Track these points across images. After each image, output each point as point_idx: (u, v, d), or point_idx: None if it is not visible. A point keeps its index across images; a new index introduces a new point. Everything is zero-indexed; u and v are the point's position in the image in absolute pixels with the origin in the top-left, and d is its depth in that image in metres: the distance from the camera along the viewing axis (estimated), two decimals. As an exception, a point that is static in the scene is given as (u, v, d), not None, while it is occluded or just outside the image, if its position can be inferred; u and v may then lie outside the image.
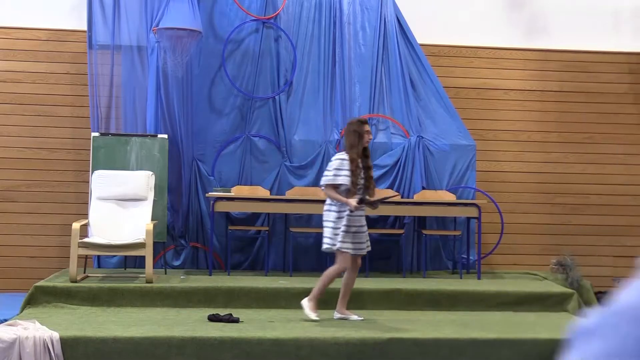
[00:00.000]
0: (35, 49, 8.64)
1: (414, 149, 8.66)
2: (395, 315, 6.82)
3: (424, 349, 5.86)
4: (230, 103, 8.65)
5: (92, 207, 7.71)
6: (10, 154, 8.55)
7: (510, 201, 9.09)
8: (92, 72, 8.40)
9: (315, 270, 8.43)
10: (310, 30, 8.86)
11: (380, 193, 8.59)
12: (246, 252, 8.54)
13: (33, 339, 5.52)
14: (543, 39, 9.28)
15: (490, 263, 9.01)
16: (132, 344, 5.65)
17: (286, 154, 8.64)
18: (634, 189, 9.28)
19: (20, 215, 8.50)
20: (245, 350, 5.71)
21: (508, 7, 9.29)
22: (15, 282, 8.34)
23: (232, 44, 8.66)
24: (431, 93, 8.89)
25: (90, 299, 6.85)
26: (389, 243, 8.61)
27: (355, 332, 5.98)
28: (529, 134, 9.24)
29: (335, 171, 6.21)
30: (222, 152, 8.58)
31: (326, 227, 6.34)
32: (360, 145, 6.26)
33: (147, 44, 8.38)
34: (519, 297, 7.28)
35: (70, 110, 8.65)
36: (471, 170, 8.81)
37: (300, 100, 8.77)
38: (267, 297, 7.05)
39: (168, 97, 8.28)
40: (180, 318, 6.43)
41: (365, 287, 7.24)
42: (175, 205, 8.37)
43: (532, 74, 9.29)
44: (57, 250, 8.42)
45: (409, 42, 8.93)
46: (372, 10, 8.92)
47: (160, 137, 8.17)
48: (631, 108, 9.37)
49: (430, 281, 7.87)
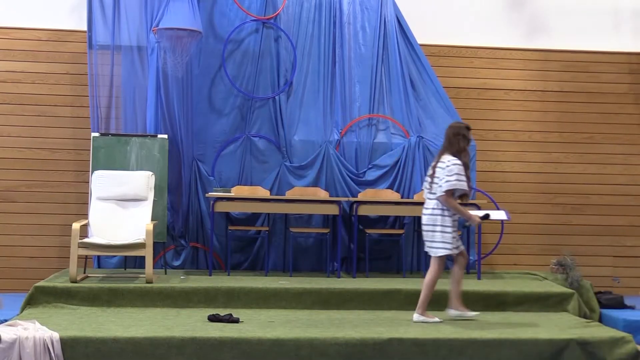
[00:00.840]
0: (35, 49, 8.64)
1: (414, 149, 8.66)
2: (395, 315, 6.82)
3: (424, 349, 5.86)
4: (230, 103, 8.65)
5: (92, 207, 7.71)
6: (10, 154, 8.55)
7: (510, 201, 9.09)
8: (92, 72, 8.41)
9: (315, 270, 8.45)
10: (310, 31, 8.86)
11: (380, 194, 8.59)
12: (246, 252, 8.54)
13: (33, 339, 5.53)
14: (543, 39, 9.29)
15: (490, 263, 9.02)
16: (132, 344, 5.65)
17: (286, 154, 8.64)
18: (634, 189, 9.29)
19: (20, 215, 8.50)
20: (245, 350, 5.71)
21: (508, 7, 9.29)
22: (15, 282, 8.35)
23: (232, 44, 8.67)
24: (431, 93, 8.90)
25: (90, 299, 6.86)
26: (389, 243, 8.61)
27: (355, 332, 5.98)
28: (529, 134, 9.24)
29: (457, 176, 6.17)
30: (222, 152, 8.58)
31: (443, 233, 6.27)
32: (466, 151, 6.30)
33: (147, 44, 8.38)
34: (519, 297, 7.28)
35: (70, 110, 8.65)
36: (471, 170, 8.79)
37: (300, 100, 8.77)
38: (267, 297, 7.05)
39: (168, 97, 8.28)
40: (180, 318, 6.43)
41: (365, 287, 7.25)
42: (175, 206, 8.38)
43: (533, 74, 9.29)
44: (57, 250, 8.43)
45: (409, 42, 8.93)
46: (372, 10, 8.92)
47: (160, 137, 8.17)
48: (631, 108, 9.37)
49: (430, 281, 7.86)
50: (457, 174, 6.17)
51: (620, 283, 8.96)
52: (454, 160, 6.24)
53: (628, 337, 6.15)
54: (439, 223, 6.28)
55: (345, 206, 8.48)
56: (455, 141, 6.32)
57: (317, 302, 7.08)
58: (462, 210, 6.28)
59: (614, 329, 6.55)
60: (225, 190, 8.12)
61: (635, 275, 9.16)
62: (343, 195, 8.56)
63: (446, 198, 6.20)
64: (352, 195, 8.55)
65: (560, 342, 6.02)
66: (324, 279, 7.85)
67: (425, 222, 6.38)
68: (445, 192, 6.20)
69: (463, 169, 6.22)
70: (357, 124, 8.76)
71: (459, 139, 6.31)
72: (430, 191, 6.37)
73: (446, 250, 6.29)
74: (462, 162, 6.24)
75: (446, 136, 6.41)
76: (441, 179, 6.23)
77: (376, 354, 5.82)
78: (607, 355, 6.03)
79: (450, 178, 6.17)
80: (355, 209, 8.15)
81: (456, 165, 6.21)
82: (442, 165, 6.27)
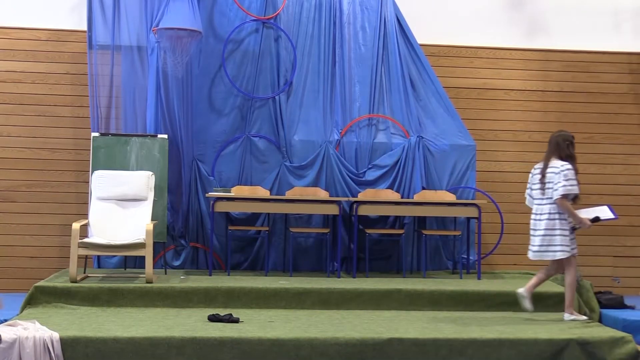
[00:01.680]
0: (35, 49, 8.64)
1: (414, 149, 8.67)
2: (395, 315, 6.82)
3: (424, 349, 5.86)
4: (230, 103, 8.65)
5: (92, 207, 7.71)
6: (10, 154, 8.55)
7: (510, 201, 9.08)
8: (92, 72, 8.41)
9: (315, 270, 8.45)
10: (310, 31, 8.86)
11: (380, 194, 8.59)
12: (246, 252, 8.54)
13: (33, 339, 5.53)
14: (543, 39, 9.29)
15: (490, 263, 9.02)
16: (132, 344, 5.65)
17: (286, 154, 8.65)
18: (634, 189, 9.29)
19: (20, 215, 8.50)
20: (245, 350, 5.72)
21: (508, 7, 9.29)
22: (15, 282, 8.35)
23: (232, 44, 8.67)
24: (431, 93, 8.90)
25: (90, 299, 6.86)
26: (389, 243, 8.61)
27: (355, 332, 5.99)
28: (529, 134, 9.24)
29: (572, 181, 6.46)
30: (222, 152, 8.58)
31: (563, 236, 6.54)
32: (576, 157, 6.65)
33: (147, 44, 8.39)
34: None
35: (70, 110, 8.65)
36: (471, 170, 8.82)
37: (300, 100, 8.77)
38: (267, 297, 7.05)
39: (168, 97, 8.28)
40: (180, 318, 6.44)
41: (365, 287, 7.25)
42: (175, 205, 8.38)
43: (533, 74, 9.29)
44: (57, 250, 8.43)
45: (409, 42, 8.93)
46: (372, 10, 8.92)
47: (160, 137, 8.17)
48: (632, 108, 9.37)
49: (430, 281, 7.87)
50: (571, 179, 6.48)
51: (620, 283, 8.96)
52: (567, 165, 6.53)
53: (628, 337, 6.15)
54: (557, 227, 6.56)
55: (345, 206, 8.48)
56: (565, 146, 6.61)
57: (317, 302, 7.09)
58: (575, 214, 6.56)
59: (614, 329, 6.55)
60: (225, 190, 8.12)
61: (635, 275, 9.16)
62: (343, 195, 8.56)
63: (562, 201, 6.48)
64: (352, 195, 8.55)
65: (560, 342, 6.03)
66: (324, 279, 7.85)
67: (544, 227, 6.60)
68: (562, 196, 6.47)
69: (575, 174, 6.53)
70: (357, 124, 8.76)
71: (568, 145, 6.62)
72: (543, 196, 6.63)
73: (566, 253, 6.55)
74: (574, 167, 6.58)
75: (553, 142, 6.69)
76: (556, 183, 6.50)
77: (376, 354, 5.82)
78: (607, 355, 6.04)
79: (565, 182, 6.46)
80: (355, 209, 8.15)
81: (570, 170, 6.51)
82: (554, 170, 6.55)
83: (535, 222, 6.69)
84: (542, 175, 6.64)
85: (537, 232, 6.65)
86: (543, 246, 6.60)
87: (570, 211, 6.51)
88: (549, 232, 6.57)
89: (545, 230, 6.58)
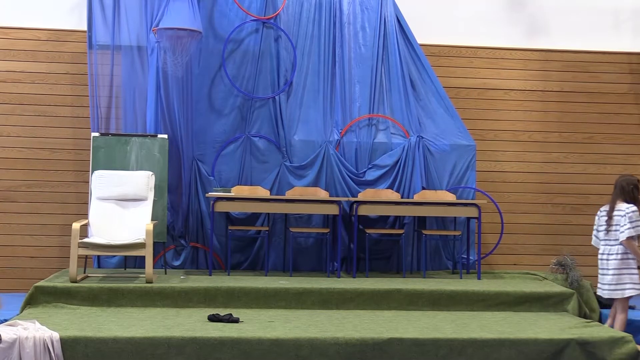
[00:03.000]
0: (35, 49, 8.64)
1: (414, 149, 8.67)
2: (395, 315, 6.82)
3: (424, 349, 5.86)
4: (230, 103, 8.65)
5: (92, 207, 7.71)
6: (10, 154, 8.55)
7: (510, 201, 9.09)
8: (92, 72, 8.41)
9: (315, 270, 8.46)
10: (310, 31, 8.86)
11: (380, 194, 8.59)
12: (246, 252, 8.54)
13: (33, 339, 5.53)
14: (543, 39, 9.30)
15: (490, 263, 9.02)
16: (132, 344, 5.65)
17: (286, 154, 8.65)
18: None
19: (20, 215, 8.51)
20: (245, 350, 5.72)
21: (508, 7, 9.29)
22: (15, 282, 8.36)
23: (232, 44, 8.67)
24: (431, 93, 8.90)
25: (90, 299, 6.86)
26: (389, 243, 8.61)
27: (355, 332, 5.99)
28: (529, 134, 9.24)
29: (635, 223, 6.85)
30: (222, 152, 8.59)
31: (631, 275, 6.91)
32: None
33: (147, 44, 8.39)
34: (519, 297, 7.28)
35: (70, 110, 8.65)
36: (471, 170, 8.82)
37: (300, 100, 8.78)
38: (267, 297, 7.05)
39: (168, 97, 8.28)
40: (180, 318, 6.44)
41: (365, 287, 7.25)
42: (175, 206, 8.38)
43: (533, 74, 9.29)
44: (57, 250, 8.44)
45: (409, 42, 8.93)
46: (372, 10, 8.92)
47: (160, 137, 8.17)
48: (632, 108, 9.38)
49: (430, 281, 7.87)
50: (635, 220, 6.87)
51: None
52: (632, 208, 6.91)
53: (628, 337, 6.15)
54: (625, 266, 6.91)
55: (345, 206, 8.49)
56: (629, 190, 6.99)
57: (317, 302, 7.09)
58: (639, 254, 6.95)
59: (614, 329, 6.56)
60: (225, 190, 8.12)
61: (635, 275, 9.16)
62: (343, 195, 8.56)
63: (629, 242, 6.87)
64: (352, 195, 8.55)
65: (560, 342, 6.03)
66: (324, 279, 7.85)
67: (613, 266, 6.93)
68: (628, 238, 6.86)
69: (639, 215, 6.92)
70: (357, 124, 8.76)
71: (632, 188, 7.00)
72: (609, 237, 7.02)
73: (635, 291, 6.89)
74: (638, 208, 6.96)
75: (619, 186, 7.06)
76: (622, 225, 6.89)
77: (376, 354, 5.82)
78: (607, 355, 6.04)
79: (630, 225, 6.85)
80: (355, 209, 8.15)
81: (635, 212, 6.90)
82: (620, 212, 6.93)
83: (603, 261, 7.05)
84: (608, 217, 7.03)
85: (606, 271, 6.99)
86: (612, 285, 6.92)
87: (635, 251, 6.88)
88: (618, 271, 6.92)
89: (614, 270, 6.91)
